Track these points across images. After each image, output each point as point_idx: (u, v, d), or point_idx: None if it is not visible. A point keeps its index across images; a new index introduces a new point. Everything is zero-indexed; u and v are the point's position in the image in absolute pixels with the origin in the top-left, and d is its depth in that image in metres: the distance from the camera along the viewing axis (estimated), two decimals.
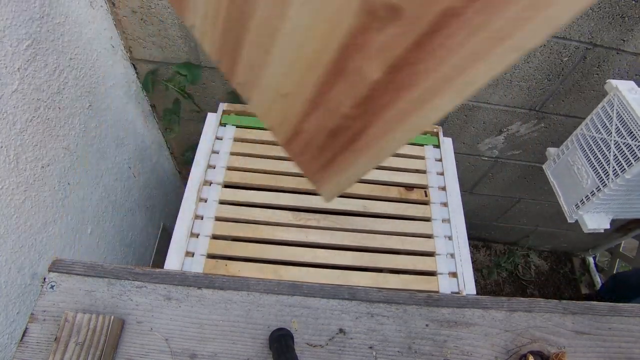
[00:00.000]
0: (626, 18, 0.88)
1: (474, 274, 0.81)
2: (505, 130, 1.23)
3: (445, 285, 0.78)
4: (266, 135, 0.94)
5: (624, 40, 0.93)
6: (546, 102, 1.12)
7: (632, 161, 0.76)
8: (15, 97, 0.69)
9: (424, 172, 0.93)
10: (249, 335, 0.51)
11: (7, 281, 0.71)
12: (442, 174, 0.94)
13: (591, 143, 0.86)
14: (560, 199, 0.93)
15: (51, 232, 0.83)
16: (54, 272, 0.52)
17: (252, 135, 0.94)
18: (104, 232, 1.05)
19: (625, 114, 0.78)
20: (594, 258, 1.96)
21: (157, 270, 0.54)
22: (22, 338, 0.48)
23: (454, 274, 0.80)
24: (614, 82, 0.83)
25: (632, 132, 0.77)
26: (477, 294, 0.76)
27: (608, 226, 0.88)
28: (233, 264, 0.76)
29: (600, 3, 0.85)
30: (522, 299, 0.56)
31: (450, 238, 0.85)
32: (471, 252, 1.08)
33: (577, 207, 0.89)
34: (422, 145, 0.98)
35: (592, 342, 0.53)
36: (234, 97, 1.11)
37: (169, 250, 0.76)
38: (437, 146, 0.99)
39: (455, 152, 0.98)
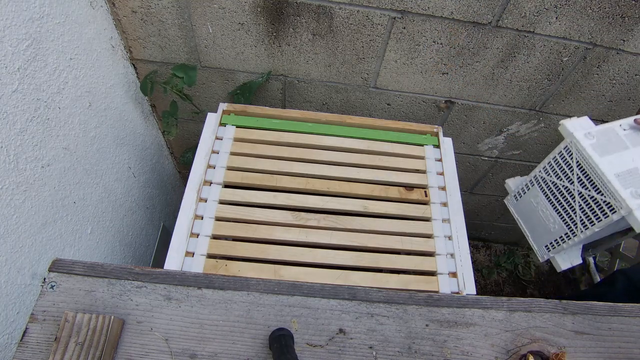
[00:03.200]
0: (626, 18, 0.88)
1: (474, 274, 0.81)
2: (505, 130, 1.23)
3: (445, 285, 0.78)
4: (266, 135, 0.94)
5: (624, 40, 0.93)
6: (546, 102, 1.12)
7: (600, 216, 0.68)
8: (15, 97, 0.69)
9: (424, 172, 0.93)
10: (249, 335, 0.51)
11: (7, 281, 0.71)
12: (442, 174, 0.94)
13: (553, 189, 0.77)
14: (528, 238, 0.86)
15: (51, 232, 0.83)
16: (54, 272, 0.52)
17: (252, 135, 0.94)
18: (104, 232, 1.05)
19: (586, 165, 0.70)
20: (594, 258, 1.96)
21: (157, 270, 0.54)
22: (22, 338, 0.48)
23: (454, 274, 0.80)
24: (569, 126, 0.73)
25: (595, 185, 0.68)
26: (477, 294, 0.76)
27: (580, 261, 0.83)
28: (233, 264, 0.76)
29: (600, 3, 0.86)
30: (522, 299, 0.56)
31: (450, 238, 0.85)
32: (471, 252, 1.07)
33: (548, 249, 0.83)
34: (422, 145, 0.98)
35: (592, 342, 0.53)
36: (234, 97, 1.11)
37: (169, 250, 0.76)
38: (437, 146, 0.99)
39: (455, 152, 0.98)
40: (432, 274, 0.81)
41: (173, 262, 0.75)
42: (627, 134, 0.73)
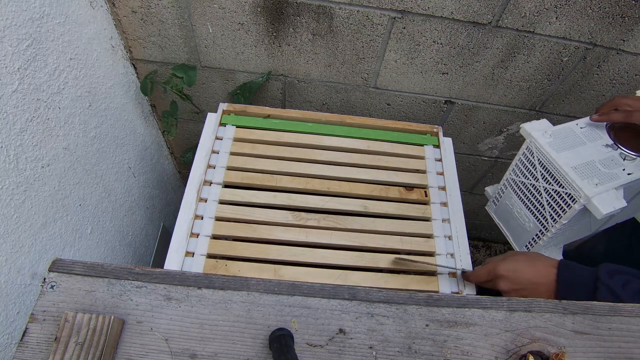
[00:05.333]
0: (626, 18, 0.88)
1: None
2: (505, 130, 1.23)
3: (445, 285, 0.78)
4: (266, 135, 0.94)
5: (624, 40, 0.93)
6: (546, 102, 1.12)
7: (565, 207, 0.72)
8: (15, 97, 0.69)
9: (424, 172, 0.93)
10: (249, 335, 0.50)
11: (7, 281, 0.71)
12: (442, 173, 0.94)
13: (523, 188, 0.82)
14: (510, 240, 0.90)
15: (51, 232, 0.83)
16: (54, 272, 0.52)
17: (252, 135, 0.94)
18: (104, 232, 1.05)
19: (546, 161, 0.75)
20: None
21: (157, 270, 0.54)
22: (22, 338, 0.48)
23: (454, 274, 0.80)
24: (527, 128, 0.78)
25: (556, 179, 0.73)
26: (477, 293, 0.76)
27: (561, 257, 0.86)
28: (233, 264, 0.76)
29: (600, 3, 0.86)
30: (522, 299, 0.56)
31: (450, 238, 0.85)
32: (471, 252, 1.06)
33: (527, 248, 0.87)
34: (422, 145, 0.98)
35: (592, 342, 0.53)
36: (234, 97, 1.11)
37: (169, 250, 0.76)
38: (437, 146, 0.99)
39: (455, 152, 0.98)
40: (432, 273, 0.80)
41: (173, 262, 0.75)
42: (583, 131, 0.78)
